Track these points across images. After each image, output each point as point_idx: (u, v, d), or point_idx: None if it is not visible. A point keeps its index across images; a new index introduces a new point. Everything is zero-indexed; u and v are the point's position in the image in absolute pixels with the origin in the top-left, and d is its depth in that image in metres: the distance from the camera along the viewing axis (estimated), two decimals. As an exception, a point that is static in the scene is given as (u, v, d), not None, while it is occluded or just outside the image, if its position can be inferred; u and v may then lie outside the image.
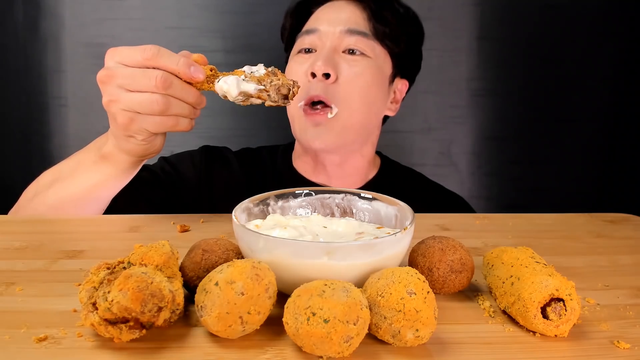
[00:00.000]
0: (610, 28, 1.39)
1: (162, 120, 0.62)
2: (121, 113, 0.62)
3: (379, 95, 0.92)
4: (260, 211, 0.57)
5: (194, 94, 0.63)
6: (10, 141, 1.37)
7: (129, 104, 0.61)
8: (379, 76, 0.91)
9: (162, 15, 1.33)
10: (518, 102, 1.41)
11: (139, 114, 0.62)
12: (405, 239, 0.49)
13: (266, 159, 1.02)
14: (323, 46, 0.89)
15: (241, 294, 0.39)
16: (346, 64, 0.88)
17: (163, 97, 0.60)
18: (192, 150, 1.00)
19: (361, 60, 0.89)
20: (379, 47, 0.91)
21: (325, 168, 0.95)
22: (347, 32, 0.89)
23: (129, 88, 0.61)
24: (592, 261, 0.61)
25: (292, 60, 0.93)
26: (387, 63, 0.93)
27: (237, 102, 0.62)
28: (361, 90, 0.88)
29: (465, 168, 1.43)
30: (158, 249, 0.45)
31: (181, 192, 0.92)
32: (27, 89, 1.35)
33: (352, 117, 0.88)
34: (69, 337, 0.42)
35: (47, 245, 0.62)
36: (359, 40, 0.89)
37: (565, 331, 0.43)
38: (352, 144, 0.92)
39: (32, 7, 1.32)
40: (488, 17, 1.37)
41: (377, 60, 0.91)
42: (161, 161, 0.96)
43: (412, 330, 0.40)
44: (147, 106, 0.61)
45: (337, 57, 0.88)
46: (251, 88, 0.60)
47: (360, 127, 0.90)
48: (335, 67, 0.86)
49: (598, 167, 1.45)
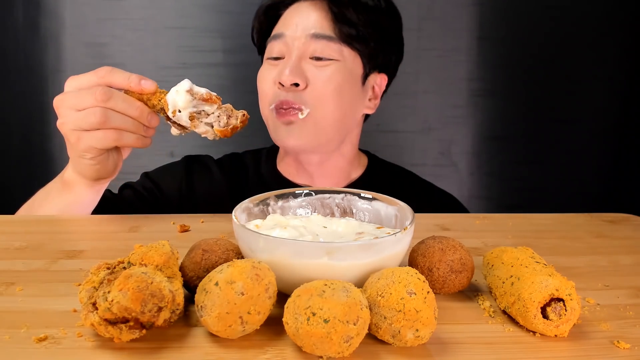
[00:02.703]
0: (611, 28, 1.39)
1: (105, 135, 0.64)
2: (71, 133, 0.65)
3: (351, 97, 0.90)
4: (260, 211, 0.58)
5: (137, 107, 0.64)
6: (10, 141, 1.37)
7: (75, 122, 0.64)
8: (349, 78, 0.89)
9: (162, 15, 1.33)
10: (518, 102, 1.41)
11: (85, 131, 0.64)
12: (405, 239, 0.49)
13: (250, 163, 1.02)
14: (290, 53, 0.88)
15: (241, 294, 0.39)
16: (315, 70, 0.86)
17: (101, 109, 0.62)
18: (173, 163, 1.01)
19: (329, 65, 0.87)
20: (346, 49, 0.88)
21: (306, 169, 0.95)
22: (313, 37, 0.87)
23: (76, 107, 0.64)
24: (592, 261, 0.61)
25: (263, 66, 0.93)
26: (357, 64, 0.91)
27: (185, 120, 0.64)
28: (332, 94, 0.87)
29: (465, 168, 1.43)
30: (158, 249, 0.45)
31: (163, 207, 0.93)
32: (27, 89, 1.35)
33: (325, 118, 0.87)
34: (69, 337, 0.42)
35: (47, 245, 0.62)
36: (325, 45, 0.86)
37: (565, 331, 0.43)
38: (327, 143, 0.91)
39: (32, 7, 1.32)
40: (488, 17, 1.37)
41: (345, 62, 0.88)
42: (142, 177, 0.97)
43: (412, 330, 0.40)
44: (87, 120, 0.63)
45: (304, 64, 0.87)
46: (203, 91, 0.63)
47: (334, 127, 0.89)
48: (302, 76, 0.85)
49: (598, 167, 1.45)
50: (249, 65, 1.29)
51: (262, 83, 0.91)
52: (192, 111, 0.63)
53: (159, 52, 1.33)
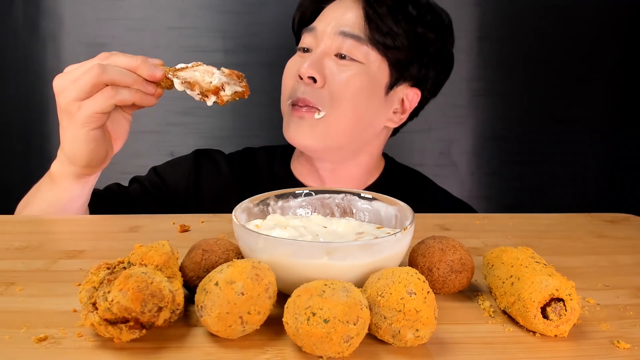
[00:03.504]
0: (611, 28, 1.39)
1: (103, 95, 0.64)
2: (72, 105, 0.65)
3: (370, 104, 0.87)
4: (260, 211, 0.57)
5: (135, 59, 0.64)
6: (10, 141, 1.37)
7: (75, 90, 0.64)
8: (371, 84, 0.86)
9: (162, 15, 1.33)
10: (518, 102, 1.41)
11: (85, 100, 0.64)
12: (405, 239, 0.49)
13: (262, 161, 1.00)
14: (317, 47, 0.87)
15: (241, 294, 0.39)
16: (335, 68, 0.84)
17: (98, 64, 0.63)
18: (181, 157, 1.00)
19: (351, 66, 0.85)
20: (374, 52, 0.86)
21: (319, 173, 0.94)
22: (341, 34, 0.85)
23: (75, 79, 0.65)
24: (592, 261, 0.61)
25: (292, 57, 0.92)
26: (384, 71, 0.87)
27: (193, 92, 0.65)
28: (349, 97, 0.84)
29: (465, 168, 1.43)
30: (158, 249, 0.45)
31: (169, 202, 0.93)
32: (27, 89, 1.35)
33: (339, 123, 0.85)
34: (69, 337, 0.42)
35: (47, 245, 0.62)
36: (353, 45, 0.84)
37: (565, 331, 0.43)
38: (339, 150, 0.88)
39: (32, 7, 1.32)
40: (488, 17, 1.37)
41: (369, 66, 0.86)
42: (150, 172, 0.97)
43: (412, 330, 0.40)
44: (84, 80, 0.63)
45: (327, 60, 0.85)
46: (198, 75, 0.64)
47: (347, 133, 0.87)
48: (322, 72, 0.84)
49: (598, 167, 1.45)
50: (250, 66, 1.29)
51: (285, 73, 0.90)
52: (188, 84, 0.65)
53: (159, 52, 1.33)
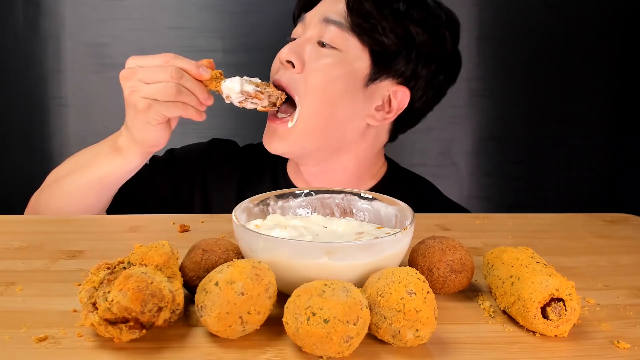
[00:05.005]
0: (610, 28, 1.39)
1: (175, 105, 0.73)
2: (141, 101, 0.73)
3: (345, 96, 0.83)
4: (260, 211, 0.57)
5: (201, 88, 0.75)
6: (10, 141, 1.37)
7: (148, 92, 0.73)
8: (347, 73, 0.83)
9: (162, 15, 1.33)
10: (518, 102, 1.41)
11: (156, 100, 0.73)
12: (405, 239, 0.49)
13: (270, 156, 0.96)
14: (303, 35, 0.86)
15: (241, 294, 0.39)
16: (314, 55, 0.83)
17: (176, 85, 0.72)
18: (198, 143, 1.02)
19: (329, 53, 0.83)
20: (354, 40, 0.83)
21: (304, 178, 0.93)
22: (324, 21, 0.84)
23: (147, 81, 0.73)
24: (592, 261, 0.61)
25: None
26: (364, 61, 0.83)
27: (235, 102, 0.77)
28: (323, 84, 0.82)
29: (465, 168, 1.43)
30: (158, 249, 0.45)
31: (178, 183, 0.95)
32: (27, 89, 1.35)
33: (312, 119, 0.83)
34: (69, 337, 0.42)
35: (47, 245, 0.62)
36: (335, 32, 0.83)
37: (565, 331, 0.43)
38: (317, 150, 0.86)
39: (32, 7, 1.32)
40: (488, 17, 1.37)
41: (347, 54, 0.83)
42: (166, 153, 0.99)
43: (412, 330, 0.40)
44: (164, 92, 0.72)
45: (308, 46, 0.84)
46: (250, 88, 0.77)
47: (323, 128, 0.84)
48: (301, 57, 0.82)
49: (598, 167, 1.45)
50: (249, 66, 1.29)
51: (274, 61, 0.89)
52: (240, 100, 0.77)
53: (159, 52, 1.33)
